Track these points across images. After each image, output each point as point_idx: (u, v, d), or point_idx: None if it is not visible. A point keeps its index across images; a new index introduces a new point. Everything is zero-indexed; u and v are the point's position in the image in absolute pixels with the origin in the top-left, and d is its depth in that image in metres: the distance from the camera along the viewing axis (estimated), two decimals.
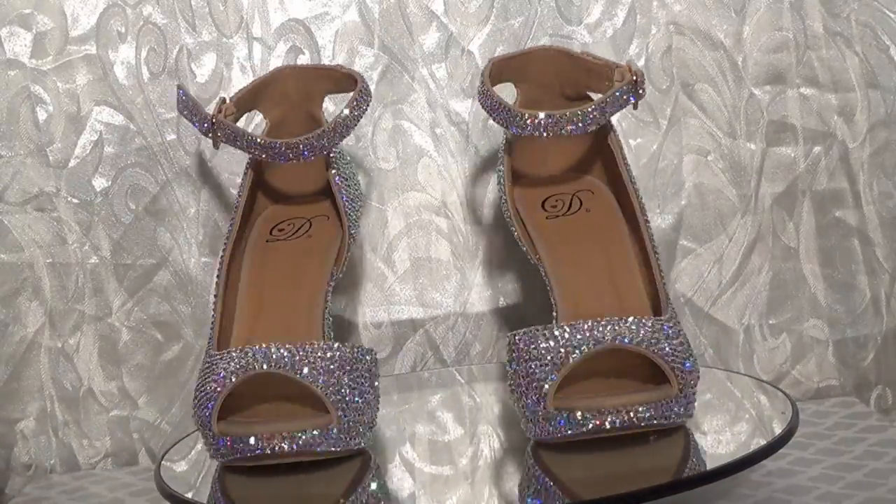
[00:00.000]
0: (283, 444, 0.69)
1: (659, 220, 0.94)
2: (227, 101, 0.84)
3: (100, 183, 0.92)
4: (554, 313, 0.75)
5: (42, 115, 0.91)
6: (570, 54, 0.87)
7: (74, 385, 0.93)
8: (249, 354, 0.70)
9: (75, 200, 0.92)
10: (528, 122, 0.76)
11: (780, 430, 0.69)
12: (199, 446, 0.80)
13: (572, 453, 0.69)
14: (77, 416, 0.93)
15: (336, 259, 0.81)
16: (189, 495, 0.68)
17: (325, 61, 0.93)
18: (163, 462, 0.76)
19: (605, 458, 0.69)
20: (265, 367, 0.69)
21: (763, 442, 0.69)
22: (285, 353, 0.69)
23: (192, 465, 0.77)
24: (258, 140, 0.78)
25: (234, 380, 0.69)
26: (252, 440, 0.69)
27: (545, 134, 0.76)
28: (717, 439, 0.73)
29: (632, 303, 0.76)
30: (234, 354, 0.70)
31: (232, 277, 0.80)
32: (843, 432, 0.84)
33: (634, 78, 0.78)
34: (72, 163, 0.92)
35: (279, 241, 0.84)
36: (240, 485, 0.71)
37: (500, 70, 0.86)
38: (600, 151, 0.86)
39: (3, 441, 0.93)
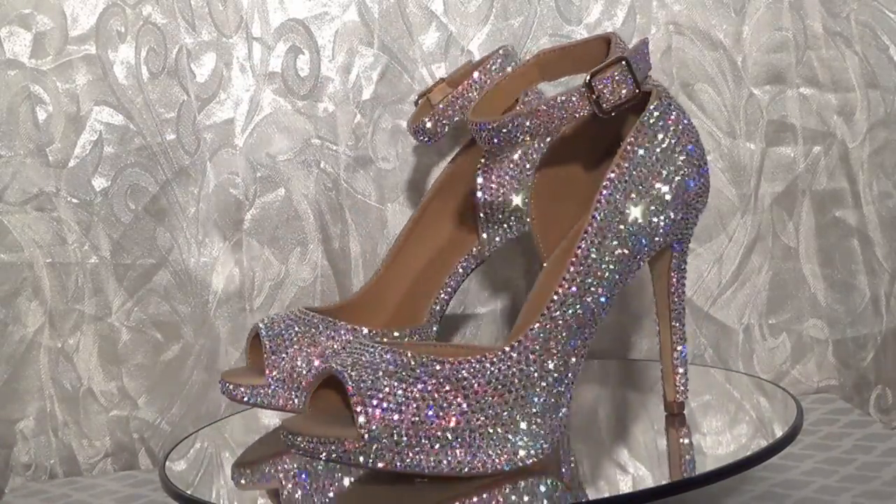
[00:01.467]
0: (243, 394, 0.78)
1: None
2: (443, 81, 0.86)
3: (99, 183, 0.92)
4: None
5: (42, 115, 0.91)
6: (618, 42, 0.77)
7: (74, 385, 0.93)
8: None
9: (75, 200, 0.92)
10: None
11: (780, 429, 0.69)
12: (198, 445, 0.80)
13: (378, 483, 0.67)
14: (77, 416, 0.93)
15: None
16: (189, 493, 0.69)
17: (325, 61, 0.93)
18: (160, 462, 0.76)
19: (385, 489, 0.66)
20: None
21: (764, 441, 0.69)
22: (276, 317, 0.80)
23: (190, 464, 0.77)
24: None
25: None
26: (224, 385, 0.78)
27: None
28: (718, 439, 0.73)
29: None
30: None
31: (410, 255, 0.86)
32: (827, 428, 0.84)
33: (588, 78, 0.67)
34: (71, 163, 0.92)
35: None
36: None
37: (558, 61, 0.78)
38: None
39: (3, 441, 0.93)
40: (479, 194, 0.82)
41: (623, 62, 0.68)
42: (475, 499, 0.63)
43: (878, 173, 0.95)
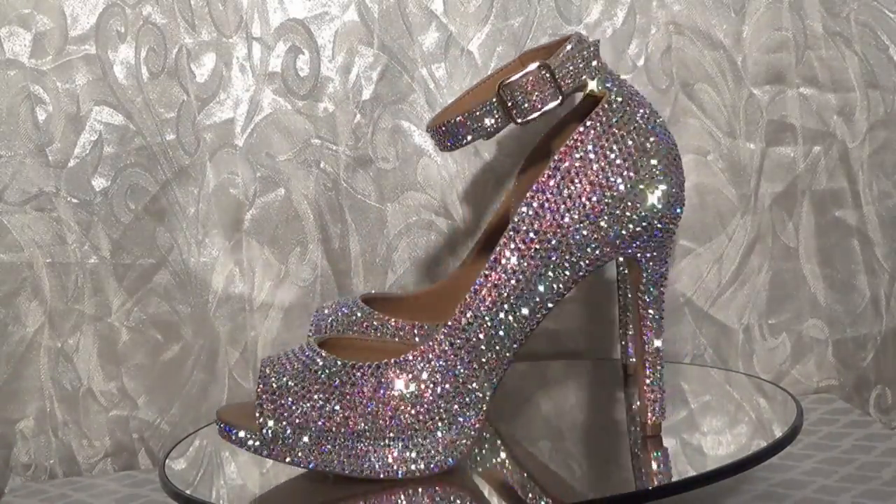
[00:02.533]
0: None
1: None
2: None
3: (99, 183, 0.92)
4: None
5: (42, 115, 0.91)
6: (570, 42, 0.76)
7: (74, 385, 0.93)
8: None
9: (75, 200, 0.92)
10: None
11: (780, 429, 0.69)
12: (198, 445, 0.80)
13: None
14: (77, 416, 0.93)
15: None
16: (188, 492, 0.69)
17: (325, 61, 0.93)
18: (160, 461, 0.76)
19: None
20: None
21: (764, 441, 0.69)
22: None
23: (190, 464, 0.77)
24: None
25: None
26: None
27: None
28: (718, 439, 0.73)
29: None
30: None
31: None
32: (827, 428, 0.85)
33: (497, 87, 0.66)
34: (71, 163, 0.92)
35: None
36: None
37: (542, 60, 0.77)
38: None
39: (3, 441, 0.93)
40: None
41: (541, 68, 0.66)
42: (373, 500, 0.64)
43: (878, 173, 0.95)
